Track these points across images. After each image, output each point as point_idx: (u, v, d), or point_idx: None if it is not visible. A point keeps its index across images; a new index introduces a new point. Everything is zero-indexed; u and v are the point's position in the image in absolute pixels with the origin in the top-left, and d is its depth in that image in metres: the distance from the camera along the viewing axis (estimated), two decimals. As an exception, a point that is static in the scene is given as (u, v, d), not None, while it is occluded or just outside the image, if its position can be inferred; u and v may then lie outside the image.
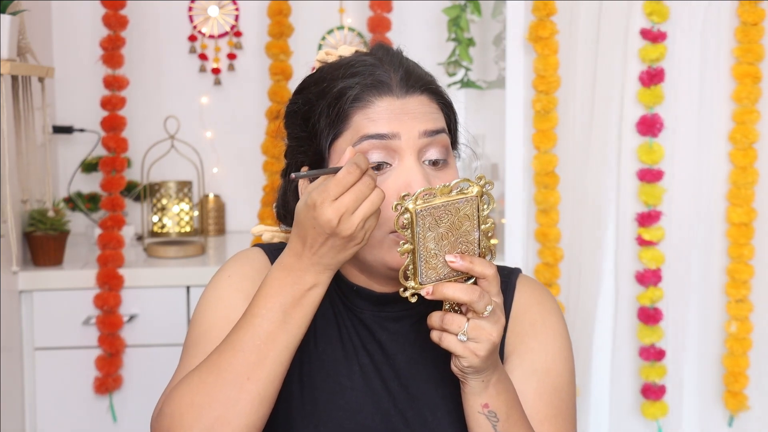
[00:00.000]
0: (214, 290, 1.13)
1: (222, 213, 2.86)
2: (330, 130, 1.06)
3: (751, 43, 2.13)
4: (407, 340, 1.13)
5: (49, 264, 2.34)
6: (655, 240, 2.20)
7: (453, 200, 0.96)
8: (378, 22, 2.49)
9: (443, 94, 1.12)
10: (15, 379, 2.22)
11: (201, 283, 2.32)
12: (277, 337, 0.98)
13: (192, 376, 1.00)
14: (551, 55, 2.19)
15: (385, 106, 1.05)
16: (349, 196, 0.94)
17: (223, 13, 2.85)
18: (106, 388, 2.29)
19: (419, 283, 0.97)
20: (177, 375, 1.09)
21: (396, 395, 1.11)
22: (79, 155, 2.77)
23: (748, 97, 2.14)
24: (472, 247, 0.98)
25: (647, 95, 2.17)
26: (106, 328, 2.28)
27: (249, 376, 0.98)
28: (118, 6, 2.33)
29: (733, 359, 2.20)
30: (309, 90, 1.12)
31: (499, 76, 2.55)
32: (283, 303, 0.98)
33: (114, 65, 2.34)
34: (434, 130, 1.06)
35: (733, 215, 2.18)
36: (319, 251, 0.97)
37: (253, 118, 2.77)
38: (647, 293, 2.22)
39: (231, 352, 0.99)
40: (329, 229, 0.94)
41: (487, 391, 1.02)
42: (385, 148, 1.04)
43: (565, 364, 1.15)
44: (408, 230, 0.95)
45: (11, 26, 1.95)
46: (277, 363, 0.99)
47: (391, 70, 1.07)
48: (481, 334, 0.97)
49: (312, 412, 1.10)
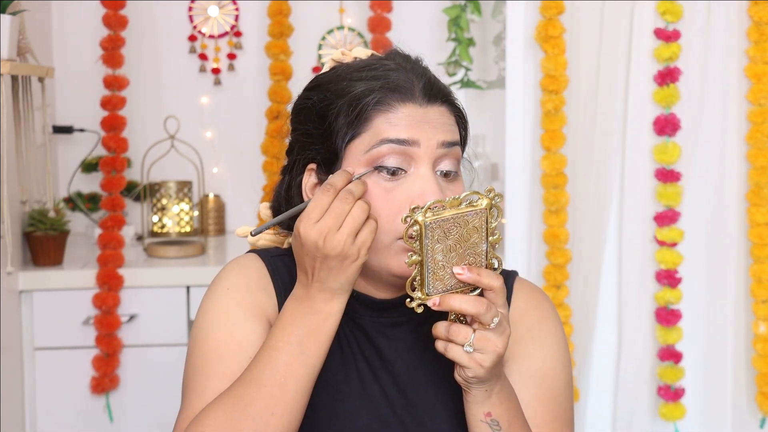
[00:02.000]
0: (215, 305, 1.11)
1: (222, 213, 2.86)
2: (348, 130, 1.06)
3: (764, 42, 2.12)
4: (406, 346, 1.13)
5: (49, 264, 2.34)
6: (671, 241, 2.19)
7: (462, 213, 0.96)
8: (378, 22, 2.49)
9: (460, 107, 1.12)
10: (15, 379, 2.22)
11: (201, 283, 2.32)
12: (296, 370, 1.00)
13: (216, 410, 1.00)
14: (560, 55, 2.18)
15: (408, 112, 1.05)
16: (328, 216, 0.97)
17: (223, 13, 2.85)
18: (102, 388, 2.29)
19: (426, 294, 0.98)
20: (190, 398, 1.06)
21: (395, 401, 1.11)
22: (79, 155, 2.77)
23: (757, 97, 2.13)
24: (480, 259, 0.99)
25: (662, 95, 2.17)
26: (103, 328, 2.28)
27: (273, 411, 0.99)
28: (118, 6, 2.33)
29: (763, 360, 2.18)
30: (326, 87, 1.10)
31: (499, 76, 2.55)
32: (298, 335, 1.00)
33: (114, 65, 2.34)
34: (451, 142, 1.06)
35: (755, 216, 2.16)
36: (319, 276, 0.99)
37: (253, 118, 2.77)
38: (664, 294, 2.20)
39: (254, 387, 0.99)
40: (317, 252, 0.97)
41: (489, 400, 1.02)
42: (403, 154, 1.04)
43: (562, 368, 1.14)
44: (417, 242, 0.96)
45: (11, 26, 1.95)
46: (299, 395, 1.00)
47: (414, 77, 1.07)
48: (487, 345, 0.97)
49: (310, 418, 1.09)
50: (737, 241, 2.22)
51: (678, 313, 2.21)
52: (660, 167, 2.20)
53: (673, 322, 2.21)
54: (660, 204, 2.21)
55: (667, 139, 2.19)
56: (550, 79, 2.19)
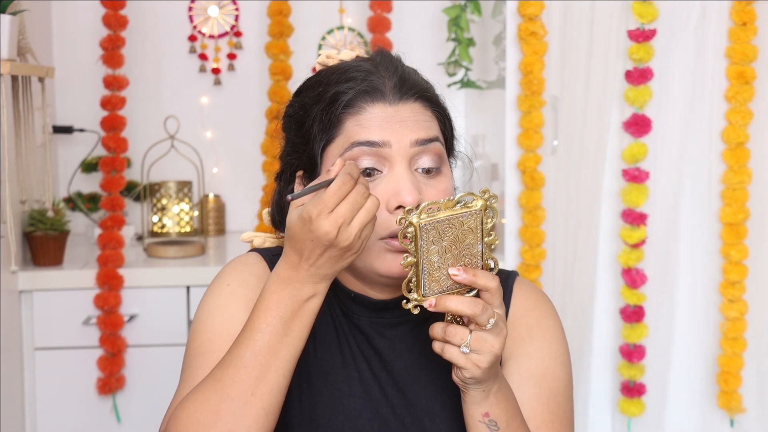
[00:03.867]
0: (214, 299, 1.12)
1: (222, 213, 2.86)
2: (323, 136, 1.06)
3: (742, 43, 2.13)
4: (405, 346, 1.13)
5: (49, 264, 2.34)
6: (635, 241, 2.20)
7: (457, 214, 0.96)
8: (378, 22, 2.49)
9: (439, 101, 1.11)
10: (15, 379, 2.22)
11: (201, 283, 2.32)
12: (279, 351, 0.99)
13: (196, 393, 1.00)
14: (537, 56, 2.20)
15: (377, 112, 1.04)
16: (344, 207, 0.94)
17: (223, 13, 2.85)
18: (109, 388, 2.29)
19: (422, 295, 0.97)
20: (182, 388, 1.07)
21: (394, 401, 1.11)
22: (79, 155, 2.77)
23: (736, 96, 2.14)
24: (476, 260, 0.98)
25: (634, 94, 2.17)
26: (107, 328, 2.28)
27: (253, 391, 0.98)
28: (118, 6, 2.33)
29: (727, 359, 2.20)
30: (305, 94, 1.11)
31: (499, 76, 2.55)
32: (282, 316, 0.99)
33: (114, 65, 2.34)
34: (426, 139, 1.05)
35: (726, 215, 2.18)
36: (317, 263, 0.97)
37: (253, 118, 2.77)
38: (631, 292, 2.22)
39: (234, 369, 0.98)
40: (327, 241, 0.94)
41: (487, 401, 1.02)
42: (376, 155, 1.03)
43: (562, 368, 1.14)
44: (412, 243, 0.96)
45: (11, 26, 1.95)
46: (280, 376, 0.99)
47: (386, 76, 1.07)
48: (483, 346, 0.97)
49: (310, 419, 1.09)
50: (709, 241, 2.23)
51: (642, 310, 2.23)
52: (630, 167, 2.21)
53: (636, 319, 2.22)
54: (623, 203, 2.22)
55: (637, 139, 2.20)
56: (525, 79, 2.20)
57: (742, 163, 2.16)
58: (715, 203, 2.21)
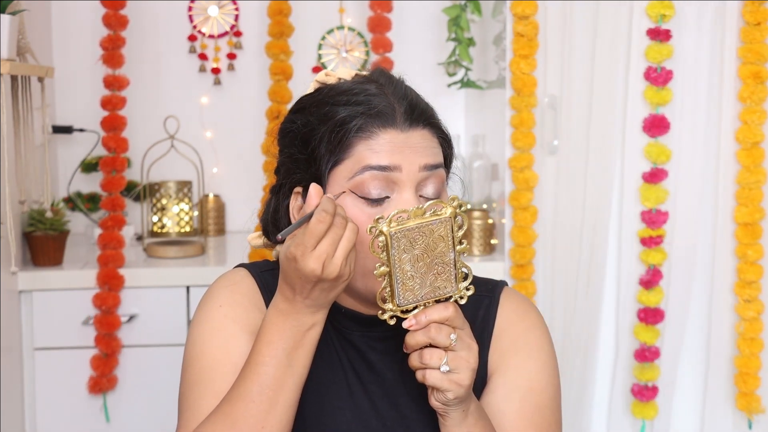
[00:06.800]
0: (208, 322, 1.12)
1: (222, 213, 2.86)
2: (331, 157, 1.07)
3: (755, 43, 2.13)
4: (395, 360, 1.14)
5: (49, 264, 2.33)
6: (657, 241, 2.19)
7: (426, 222, 0.97)
8: (378, 22, 2.49)
9: (444, 129, 1.13)
10: (14, 379, 2.22)
11: (201, 283, 2.32)
12: (285, 382, 1.01)
13: (206, 428, 1.01)
14: (529, 55, 2.19)
15: (389, 138, 1.06)
16: (326, 243, 0.96)
17: (223, 12, 2.85)
18: (99, 388, 2.29)
19: (397, 305, 0.99)
20: (186, 417, 1.07)
21: (385, 414, 1.12)
22: (79, 155, 2.77)
23: (750, 96, 2.14)
24: (449, 269, 0.99)
25: (655, 95, 2.17)
26: (103, 328, 2.27)
27: (263, 425, 1.00)
28: (118, 6, 2.33)
29: (745, 360, 2.19)
30: (308, 111, 1.12)
31: (499, 76, 2.55)
32: (285, 347, 1.01)
33: (114, 65, 2.34)
34: (434, 165, 1.08)
35: (741, 215, 2.17)
36: (310, 295, 0.99)
37: (253, 118, 2.77)
38: (648, 294, 2.21)
39: (243, 403, 1.00)
40: (315, 278, 0.97)
41: (466, 421, 1.03)
42: (386, 180, 1.05)
43: (548, 380, 1.14)
44: (384, 253, 0.96)
45: (11, 26, 1.95)
46: (288, 406, 1.02)
47: (395, 101, 1.08)
48: (460, 363, 0.99)
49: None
50: (724, 241, 2.22)
51: (661, 312, 2.21)
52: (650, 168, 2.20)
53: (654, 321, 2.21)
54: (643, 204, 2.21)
55: (657, 139, 2.19)
56: (516, 78, 2.20)
57: (757, 163, 2.16)
58: (730, 203, 2.20)
